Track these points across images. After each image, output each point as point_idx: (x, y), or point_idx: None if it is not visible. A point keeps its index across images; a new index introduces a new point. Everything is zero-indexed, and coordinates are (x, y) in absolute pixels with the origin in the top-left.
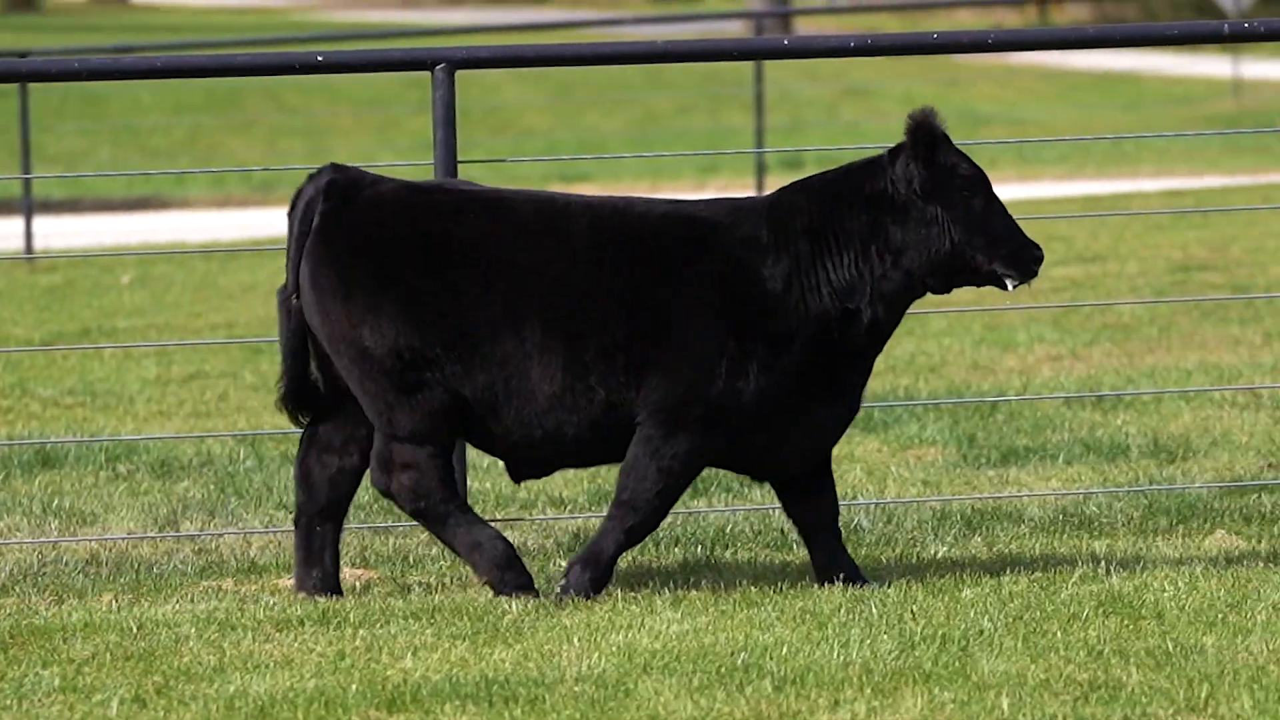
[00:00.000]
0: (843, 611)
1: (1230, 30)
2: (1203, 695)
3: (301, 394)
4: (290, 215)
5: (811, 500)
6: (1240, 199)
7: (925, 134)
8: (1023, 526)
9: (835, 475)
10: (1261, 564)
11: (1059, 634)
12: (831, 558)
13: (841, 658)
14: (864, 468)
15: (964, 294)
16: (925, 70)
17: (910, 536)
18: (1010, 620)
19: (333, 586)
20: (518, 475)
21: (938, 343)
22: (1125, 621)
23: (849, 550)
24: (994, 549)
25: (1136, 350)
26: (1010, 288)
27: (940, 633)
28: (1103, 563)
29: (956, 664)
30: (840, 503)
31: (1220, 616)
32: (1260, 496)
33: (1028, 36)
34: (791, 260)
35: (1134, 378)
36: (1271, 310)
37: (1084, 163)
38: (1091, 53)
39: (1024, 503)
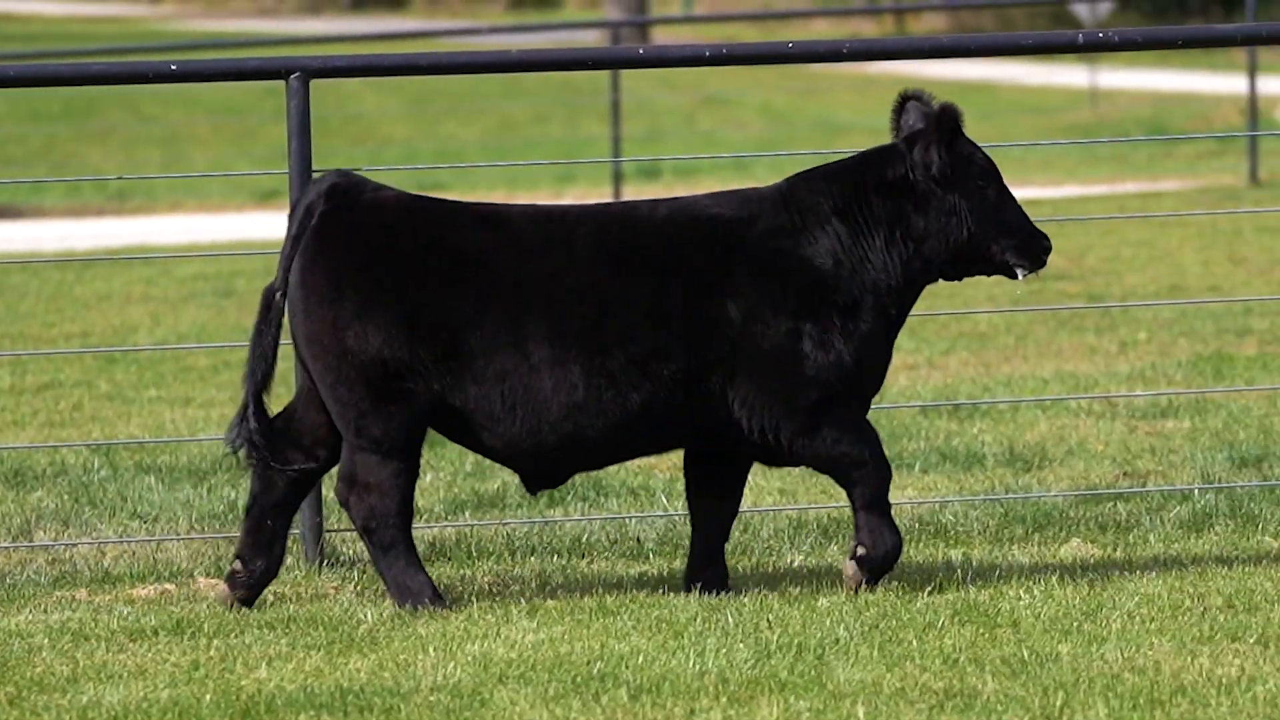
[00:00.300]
0: (699, 621)
1: (1085, 40)
2: (1058, 703)
3: (263, 400)
4: (290, 217)
5: (719, 499)
6: (1097, 208)
7: (949, 121)
8: None
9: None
10: (1116, 572)
11: (915, 642)
12: (708, 560)
13: (697, 667)
14: None
15: None
16: (783, 79)
17: (767, 545)
18: (866, 629)
19: (267, 582)
20: (532, 487)
21: None
22: (981, 630)
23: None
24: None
25: (993, 359)
26: (1021, 277)
27: (796, 641)
28: (959, 571)
29: (812, 673)
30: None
31: (1075, 625)
32: (1115, 505)
33: (883, 46)
34: (833, 239)
35: (990, 386)
36: (1127, 319)
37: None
38: (948, 62)
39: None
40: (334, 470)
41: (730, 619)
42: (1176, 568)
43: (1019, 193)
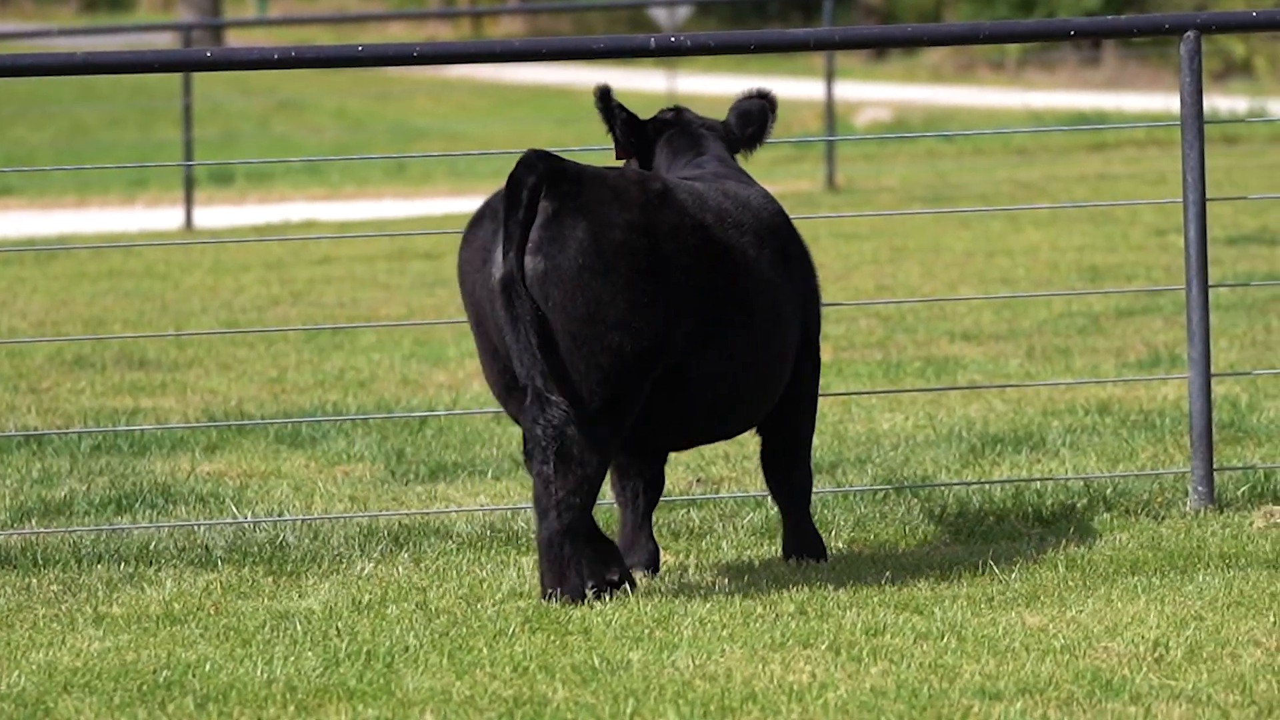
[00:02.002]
0: (267, 629)
1: (657, 44)
2: (628, 710)
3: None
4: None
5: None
6: None
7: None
8: (450, 542)
9: (263, 491)
10: (689, 579)
11: (485, 650)
12: (643, 540)
13: (265, 675)
14: (291, 484)
15: (394, 309)
16: (358, 84)
17: (337, 553)
18: (436, 636)
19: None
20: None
21: (367, 358)
22: (552, 637)
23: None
24: (421, 565)
25: None
26: None
27: (365, 649)
28: (530, 578)
29: (381, 681)
30: (266, 519)
31: (647, 632)
32: (689, 511)
33: (454, 49)
34: None
35: None
36: None
37: None
38: (526, 67)
39: (452, 518)
40: None
41: (299, 627)
42: (749, 574)
43: None
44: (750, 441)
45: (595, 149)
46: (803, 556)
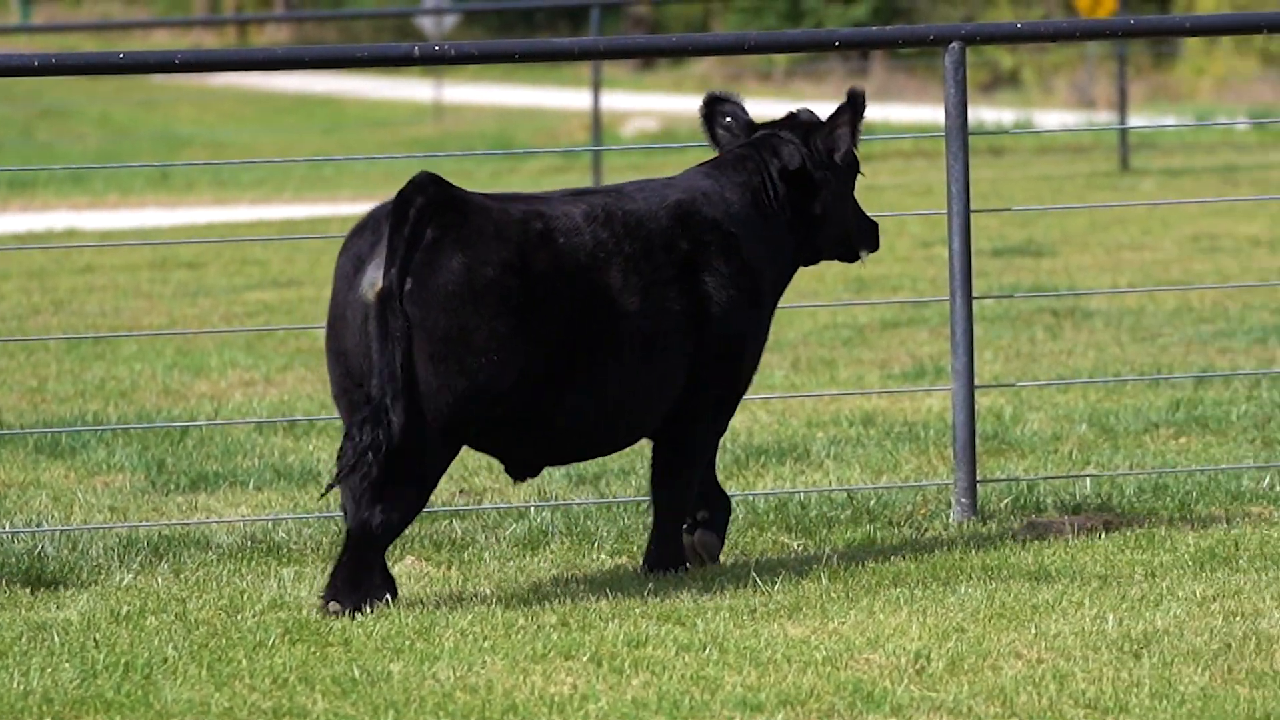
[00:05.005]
0: (24, 640)
1: (421, 53)
2: None
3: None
4: None
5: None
6: None
7: (862, 106)
8: (210, 553)
9: (21, 501)
10: (451, 590)
11: (244, 661)
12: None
13: (22, 687)
14: (50, 494)
15: (156, 318)
16: (123, 91)
17: (96, 564)
18: (195, 648)
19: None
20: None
21: (129, 367)
22: (312, 649)
23: None
24: (181, 576)
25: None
26: (863, 259)
27: (124, 661)
28: (290, 589)
29: (139, 692)
30: (24, 530)
31: (408, 643)
32: (451, 522)
33: (216, 57)
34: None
35: (327, 403)
36: None
37: (283, 186)
38: (292, 75)
39: (213, 529)
40: None
41: (56, 638)
42: (512, 586)
43: (360, 207)
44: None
45: (359, 157)
46: (655, 569)
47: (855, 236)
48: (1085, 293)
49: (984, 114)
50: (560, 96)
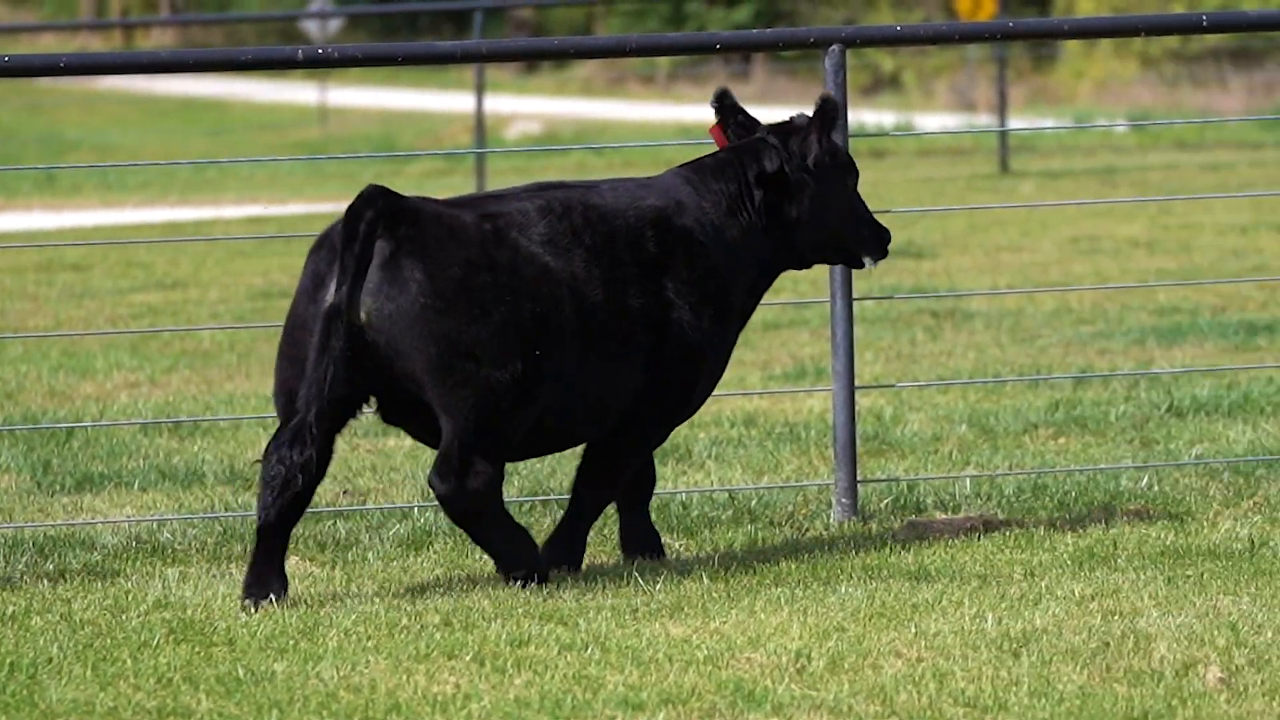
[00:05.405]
0: None
1: (305, 56)
2: None
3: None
4: None
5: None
6: (322, 225)
7: (831, 113)
8: (96, 554)
9: None
10: (335, 590)
11: (129, 661)
12: (643, 532)
13: None
14: None
15: (42, 320)
16: (8, 94)
17: None
18: (80, 647)
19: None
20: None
21: (14, 369)
22: (197, 648)
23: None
24: (66, 576)
25: (216, 377)
26: (869, 266)
27: (9, 661)
28: (175, 589)
29: (24, 692)
30: None
31: (292, 643)
32: (335, 523)
33: (100, 61)
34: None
35: (212, 404)
36: None
37: (168, 189)
38: (178, 78)
39: (98, 530)
40: None
41: None
42: (395, 586)
43: (245, 210)
44: (398, 453)
45: (243, 160)
46: (555, 564)
47: (857, 242)
48: (965, 294)
49: (865, 116)
50: (444, 99)
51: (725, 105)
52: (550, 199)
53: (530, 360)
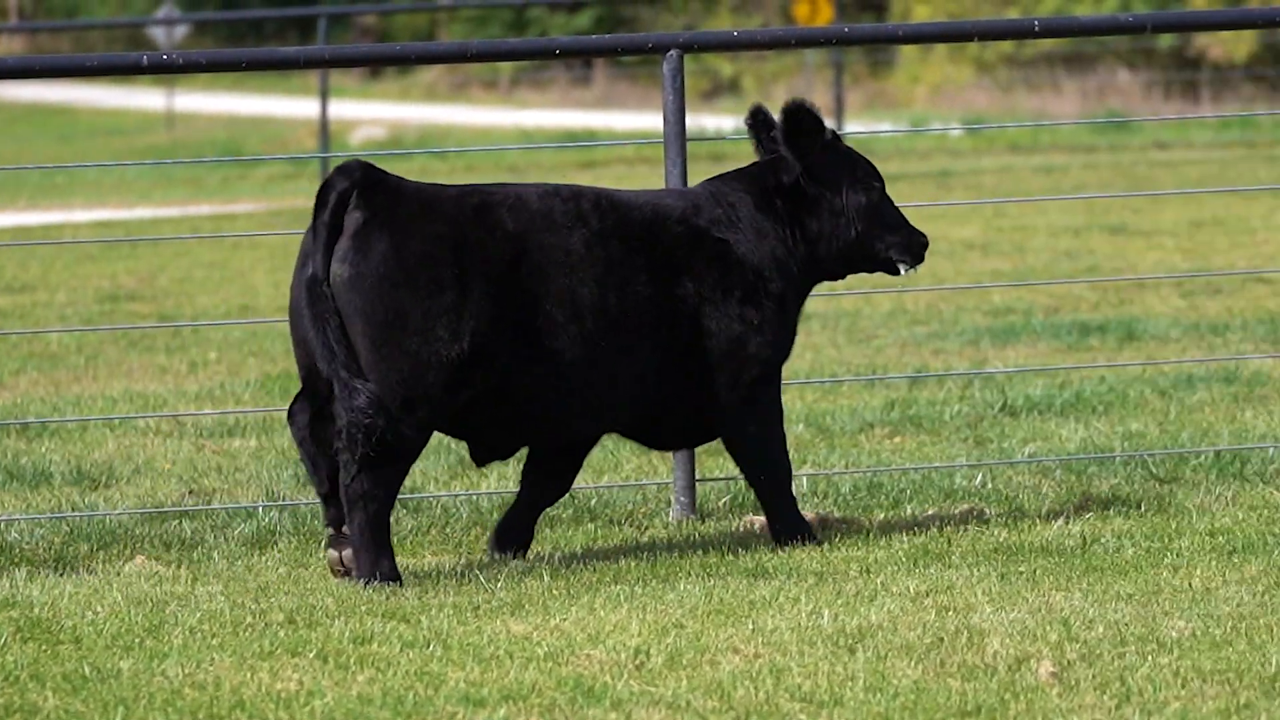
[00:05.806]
0: None
1: (149, 62)
2: (118, 718)
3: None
4: None
5: (558, 481)
6: (169, 229)
7: (790, 118)
8: None
9: None
10: (180, 589)
11: None
12: (523, 530)
13: None
14: None
15: None
16: None
17: None
18: None
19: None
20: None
21: None
22: (43, 647)
23: None
24: None
25: (63, 379)
26: (903, 272)
27: None
28: (21, 589)
29: None
30: None
31: (138, 641)
32: (181, 522)
33: None
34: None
35: (60, 406)
36: (198, 339)
37: (16, 194)
38: (25, 84)
39: None
40: None
41: None
42: (240, 584)
43: (93, 215)
44: (244, 453)
45: (90, 165)
46: (784, 540)
47: (889, 248)
48: None
49: (705, 121)
50: (289, 105)
51: (758, 121)
52: (560, 186)
53: (479, 342)
